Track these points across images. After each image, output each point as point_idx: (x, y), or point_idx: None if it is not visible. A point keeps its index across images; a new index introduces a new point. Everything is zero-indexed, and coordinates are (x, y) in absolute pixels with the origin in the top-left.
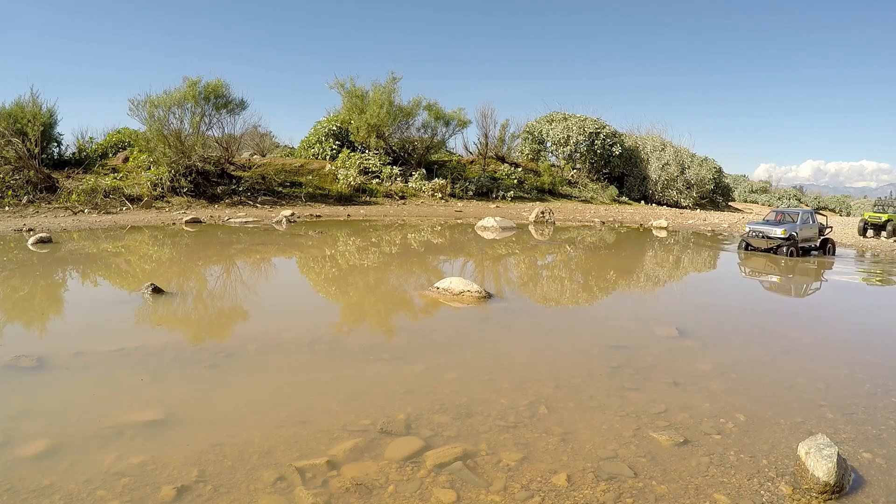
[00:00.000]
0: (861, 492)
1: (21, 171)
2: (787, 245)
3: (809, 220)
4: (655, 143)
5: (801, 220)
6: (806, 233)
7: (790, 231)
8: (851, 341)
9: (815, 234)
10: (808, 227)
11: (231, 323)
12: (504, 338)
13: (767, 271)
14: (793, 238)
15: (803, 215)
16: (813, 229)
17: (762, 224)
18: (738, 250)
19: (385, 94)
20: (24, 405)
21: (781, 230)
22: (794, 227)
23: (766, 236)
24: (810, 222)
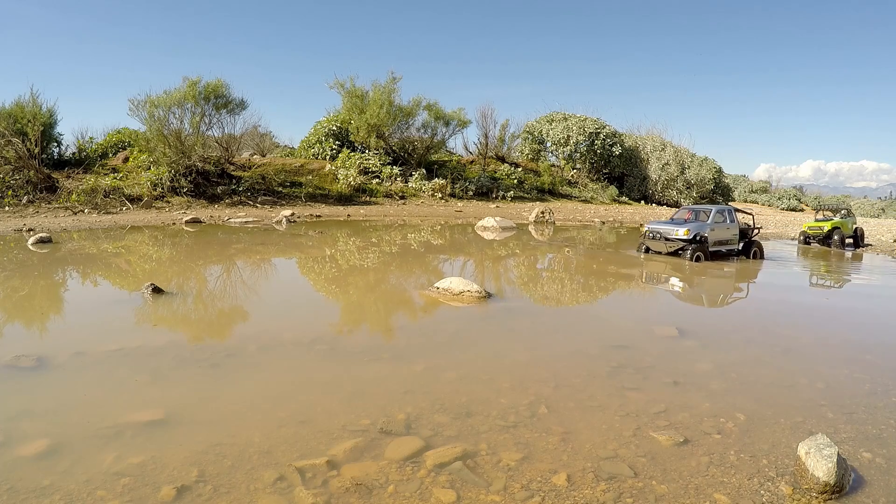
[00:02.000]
0: (861, 491)
1: (21, 171)
2: (692, 248)
3: (726, 219)
4: (655, 143)
5: (713, 220)
6: (721, 234)
7: (696, 231)
8: (851, 341)
9: (732, 235)
10: (722, 227)
11: (231, 323)
12: (504, 337)
13: (649, 280)
14: (701, 239)
15: (717, 214)
16: (731, 230)
17: (663, 223)
18: (638, 253)
19: (385, 94)
20: (24, 405)
21: (684, 230)
22: (702, 227)
23: (665, 238)
24: (727, 222)
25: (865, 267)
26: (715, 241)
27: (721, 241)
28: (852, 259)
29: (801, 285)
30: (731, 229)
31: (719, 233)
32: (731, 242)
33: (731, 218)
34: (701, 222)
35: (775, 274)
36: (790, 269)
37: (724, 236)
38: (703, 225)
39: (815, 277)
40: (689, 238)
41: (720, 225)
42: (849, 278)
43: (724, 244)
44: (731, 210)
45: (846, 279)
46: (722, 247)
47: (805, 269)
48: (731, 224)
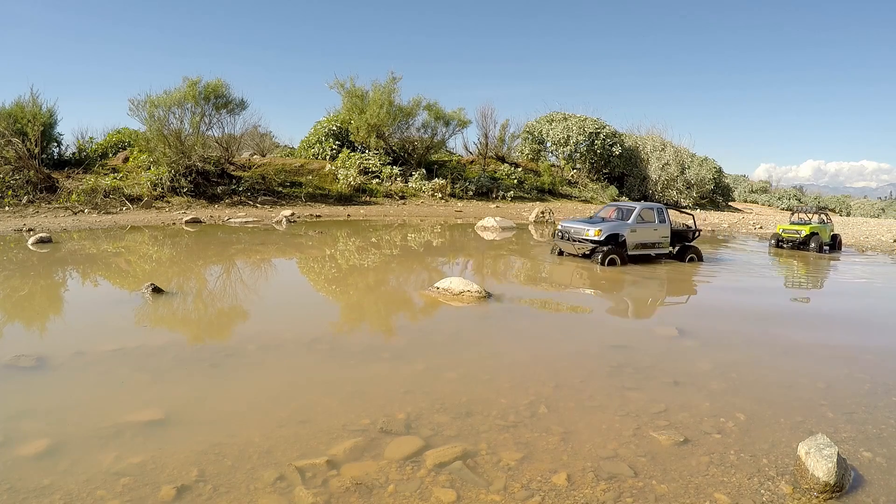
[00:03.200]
0: (861, 491)
1: (21, 171)
2: (604, 250)
3: (654, 218)
4: (655, 143)
5: (636, 219)
6: (645, 235)
7: (609, 231)
8: (851, 341)
9: (662, 237)
10: (647, 227)
11: (231, 323)
12: (504, 337)
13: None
14: (619, 240)
15: (641, 212)
16: (659, 231)
17: (576, 222)
18: (552, 255)
19: (385, 94)
20: (24, 405)
21: (595, 230)
22: (619, 227)
23: (573, 238)
24: (654, 222)
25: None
26: (637, 243)
27: (645, 243)
28: (827, 262)
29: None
30: (659, 230)
31: (643, 234)
32: (661, 245)
33: (662, 218)
34: (619, 222)
35: (693, 283)
36: (718, 279)
37: (650, 238)
38: (620, 225)
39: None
40: (599, 239)
41: (645, 225)
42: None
43: (649, 247)
44: (661, 209)
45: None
46: (647, 250)
47: (725, 281)
48: (659, 225)
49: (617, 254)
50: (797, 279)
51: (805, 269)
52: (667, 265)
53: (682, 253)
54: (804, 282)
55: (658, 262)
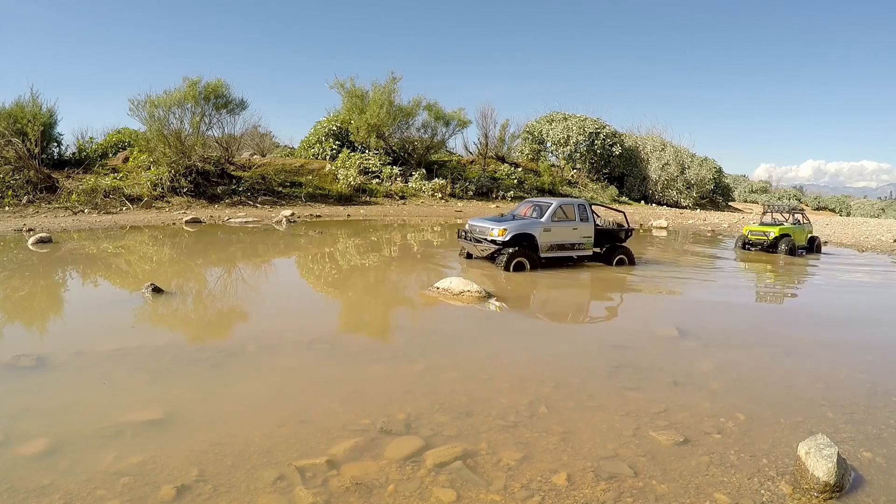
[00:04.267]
0: (861, 491)
1: (21, 171)
2: (508, 252)
3: (575, 216)
4: (655, 143)
5: (551, 217)
6: (562, 235)
7: (516, 231)
8: (851, 341)
9: (583, 237)
10: (565, 226)
11: (231, 322)
12: (504, 337)
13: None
14: (529, 240)
15: (558, 209)
16: (580, 230)
17: (484, 220)
18: (461, 256)
19: (385, 94)
20: (24, 405)
21: (499, 229)
22: (530, 226)
23: (476, 238)
24: (574, 220)
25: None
26: (552, 243)
27: (562, 244)
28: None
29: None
30: (580, 230)
31: (559, 233)
32: (582, 247)
33: (584, 215)
34: (531, 220)
35: (603, 298)
36: (638, 289)
37: (568, 238)
38: (530, 223)
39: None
40: (504, 240)
41: (562, 224)
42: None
43: (567, 248)
44: (584, 205)
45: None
46: (566, 252)
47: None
48: (580, 223)
49: (525, 257)
50: (701, 292)
51: (746, 274)
52: (584, 269)
53: (608, 254)
54: (710, 297)
55: (580, 265)
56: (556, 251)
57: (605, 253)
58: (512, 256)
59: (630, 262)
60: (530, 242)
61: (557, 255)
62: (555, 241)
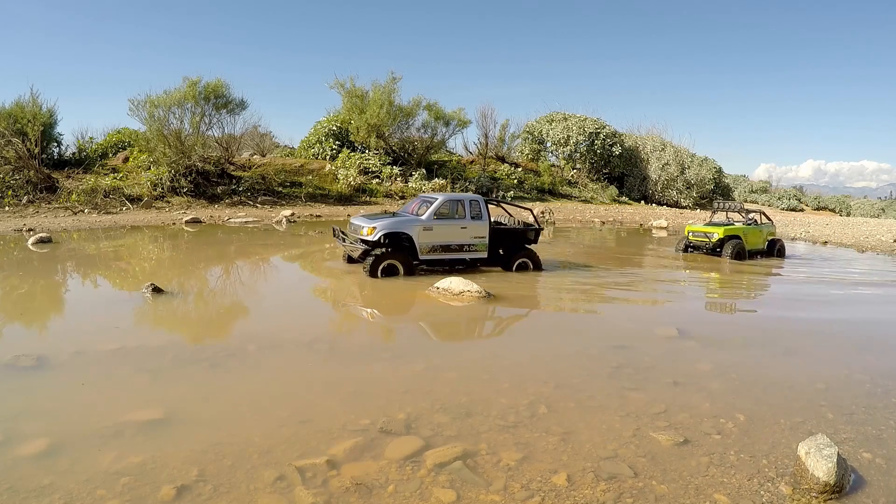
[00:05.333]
0: (861, 492)
1: (21, 171)
2: (375, 255)
3: (464, 213)
4: (655, 143)
5: (432, 214)
6: (446, 234)
7: (387, 230)
8: (851, 342)
9: (474, 237)
10: (451, 225)
11: (231, 322)
12: (504, 337)
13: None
14: (404, 241)
15: (443, 205)
16: (470, 230)
17: (362, 218)
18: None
19: (385, 94)
20: (24, 405)
21: (369, 227)
22: (405, 225)
23: (343, 237)
24: (464, 217)
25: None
26: (434, 244)
27: (447, 244)
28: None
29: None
30: (470, 228)
31: (444, 233)
32: (474, 248)
33: (477, 212)
34: (409, 217)
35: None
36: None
37: (456, 238)
38: (407, 221)
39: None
40: (373, 239)
41: (447, 222)
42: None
43: (454, 250)
44: (478, 201)
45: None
46: (452, 254)
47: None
48: (471, 222)
49: (398, 260)
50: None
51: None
52: (472, 276)
53: (507, 258)
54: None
55: (475, 269)
56: (441, 253)
57: (503, 256)
58: (379, 259)
59: (535, 266)
60: (403, 244)
61: (442, 257)
62: (438, 242)
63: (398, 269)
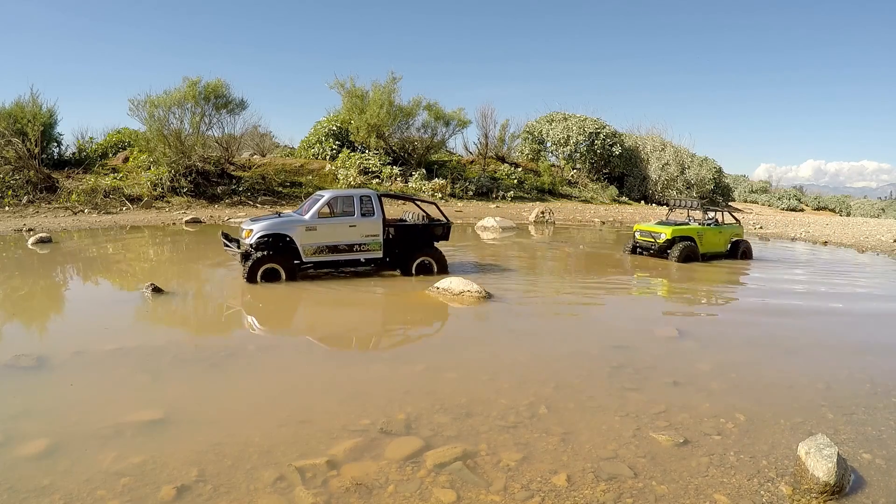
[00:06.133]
0: (861, 492)
1: (21, 171)
2: (254, 258)
3: (354, 210)
4: (655, 143)
5: (317, 213)
6: (332, 235)
7: (267, 231)
8: (851, 342)
9: (366, 236)
10: (337, 223)
11: (231, 322)
12: (504, 338)
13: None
14: (286, 243)
15: (331, 202)
16: (360, 228)
17: (248, 221)
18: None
19: (385, 94)
20: (24, 405)
21: (247, 230)
22: (286, 225)
23: (227, 244)
24: (353, 215)
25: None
26: (321, 245)
27: (335, 245)
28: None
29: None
30: (360, 227)
31: (330, 232)
32: (367, 248)
33: (369, 209)
34: (292, 217)
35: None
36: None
37: (344, 238)
38: (288, 222)
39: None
40: (250, 242)
41: (334, 221)
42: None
43: (344, 251)
44: (370, 197)
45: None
46: (341, 255)
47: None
48: (361, 219)
49: (279, 263)
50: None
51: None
52: (359, 283)
53: (406, 258)
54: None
55: (367, 274)
56: (328, 254)
57: (402, 256)
58: (257, 263)
59: (439, 268)
60: (281, 245)
61: (330, 259)
62: (324, 243)
63: (280, 274)
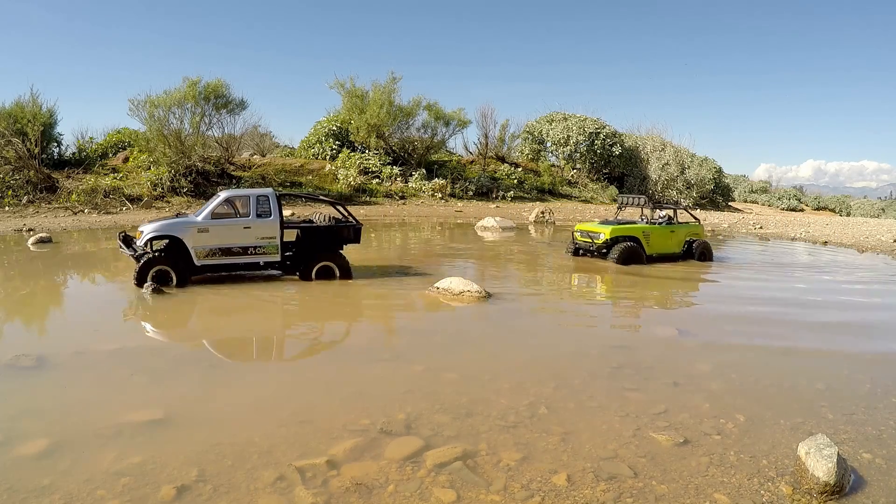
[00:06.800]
0: (861, 492)
1: (21, 171)
2: (146, 260)
3: (249, 211)
4: (655, 143)
5: (209, 213)
6: (225, 237)
7: (157, 232)
8: (851, 341)
9: (262, 238)
10: (231, 225)
11: (231, 322)
12: (504, 338)
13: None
14: (178, 246)
15: (225, 203)
16: (256, 230)
17: (151, 222)
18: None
19: (385, 94)
20: (24, 405)
21: (138, 232)
22: (176, 227)
23: (121, 245)
24: (249, 216)
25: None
26: (213, 248)
27: (229, 248)
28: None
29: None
30: (255, 229)
31: (223, 234)
32: (263, 251)
33: (266, 210)
34: (184, 219)
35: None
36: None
37: (238, 240)
38: (178, 223)
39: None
40: (141, 245)
41: (227, 222)
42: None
43: (238, 253)
44: (267, 197)
45: None
46: (235, 258)
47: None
48: (256, 221)
49: (170, 266)
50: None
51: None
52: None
53: (306, 262)
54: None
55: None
56: (222, 257)
57: (302, 260)
58: (146, 266)
59: (343, 274)
60: (178, 249)
61: (224, 262)
62: (217, 245)
63: (171, 278)
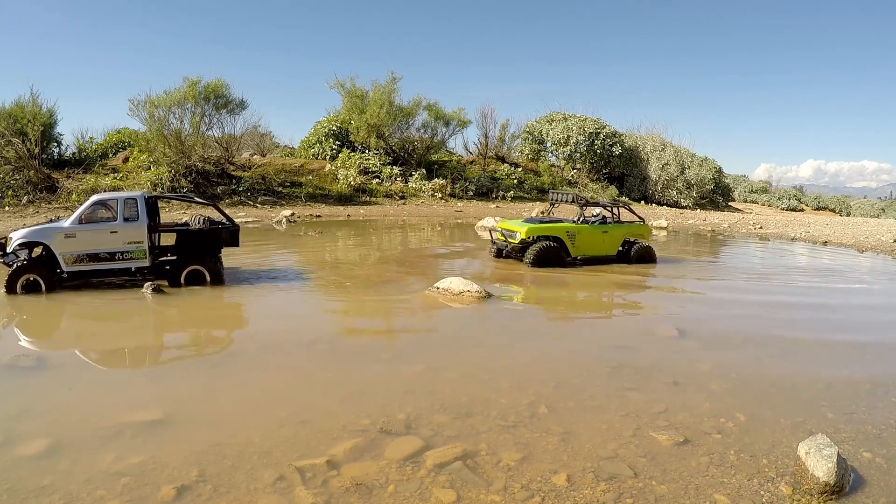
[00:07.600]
0: (861, 492)
1: (21, 171)
2: (14, 268)
3: (116, 215)
4: (655, 143)
5: (76, 218)
6: (91, 242)
7: (24, 239)
8: (851, 341)
9: (129, 243)
10: (97, 229)
11: (231, 323)
12: (504, 338)
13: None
14: (43, 253)
15: (93, 207)
16: (122, 234)
17: (25, 228)
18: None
19: (385, 94)
20: (24, 405)
21: (7, 238)
22: (43, 233)
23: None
24: (115, 220)
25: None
26: (81, 253)
27: (97, 253)
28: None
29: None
30: (122, 233)
31: (90, 239)
32: (130, 256)
33: (133, 214)
34: (54, 224)
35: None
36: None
37: (104, 245)
38: (45, 229)
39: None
40: (10, 251)
41: (94, 227)
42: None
43: (107, 259)
44: (134, 200)
45: None
46: (104, 263)
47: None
48: (124, 225)
49: (38, 273)
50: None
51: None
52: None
53: (175, 266)
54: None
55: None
56: (91, 263)
57: (172, 264)
58: (15, 274)
59: (214, 279)
60: (36, 256)
61: (93, 268)
62: (85, 251)
63: (40, 285)
